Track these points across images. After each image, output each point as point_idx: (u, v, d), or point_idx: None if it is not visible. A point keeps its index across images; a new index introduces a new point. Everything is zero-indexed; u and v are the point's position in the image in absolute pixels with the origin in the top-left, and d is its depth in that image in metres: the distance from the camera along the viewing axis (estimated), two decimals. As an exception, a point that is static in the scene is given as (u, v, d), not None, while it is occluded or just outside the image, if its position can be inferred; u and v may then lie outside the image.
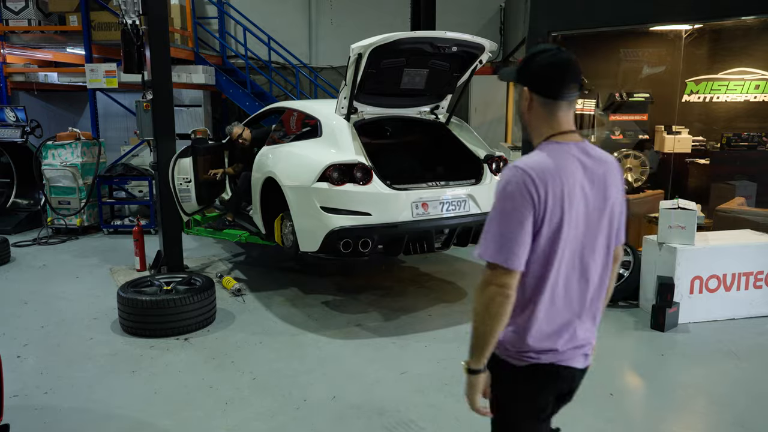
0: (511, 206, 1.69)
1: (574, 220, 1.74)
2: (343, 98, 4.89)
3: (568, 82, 1.75)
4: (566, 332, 1.81)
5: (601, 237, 1.82)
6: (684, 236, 4.81)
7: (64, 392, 3.71)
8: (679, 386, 3.89)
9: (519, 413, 1.90)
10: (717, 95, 7.49)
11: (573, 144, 1.79)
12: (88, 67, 8.05)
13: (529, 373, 1.81)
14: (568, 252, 1.76)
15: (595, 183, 1.78)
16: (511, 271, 1.68)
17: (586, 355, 1.89)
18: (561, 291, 1.79)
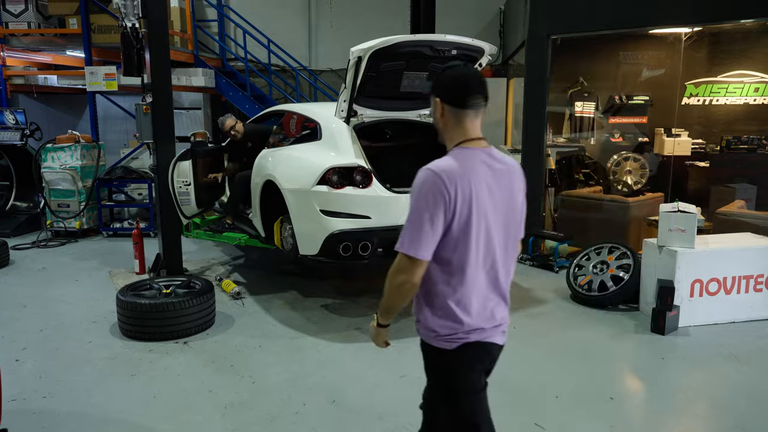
0: (424, 204, 1.93)
1: (482, 215, 1.99)
2: (342, 101, 4.89)
3: (473, 93, 2.01)
4: (487, 312, 2.07)
5: (507, 230, 2.11)
6: (684, 239, 4.80)
7: (63, 396, 3.69)
8: (680, 389, 3.88)
9: (459, 392, 2.12)
10: (716, 98, 7.50)
11: (480, 150, 2.03)
12: (88, 70, 8.05)
13: (461, 352, 2.05)
14: (479, 243, 2.01)
15: (501, 184, 2.05)
16: (419, 261, 1.95)
17: (503, 332, 2.16)
18: (478, 276, 2.04)
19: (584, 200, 7.08)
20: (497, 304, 2.11)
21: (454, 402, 2.12)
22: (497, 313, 2.11)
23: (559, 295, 5.61)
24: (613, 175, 7.01)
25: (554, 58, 6.65)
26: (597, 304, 5.27)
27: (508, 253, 2.13)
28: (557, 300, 5.51)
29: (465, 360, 2.07)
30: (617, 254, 5.43)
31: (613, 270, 5.33)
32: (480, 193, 1.97)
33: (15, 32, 8.42)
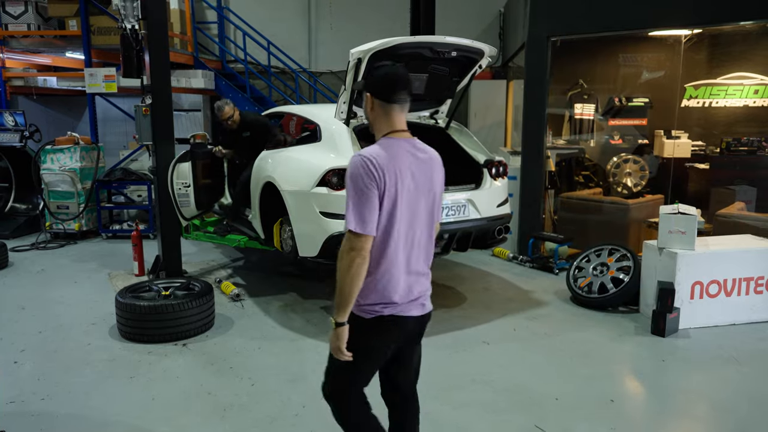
0: (361, 184, 2.12)
1: (406, 197, 2.21)
2: (342, 103, 4.88)
3: (399, 90, 2.24)
4: (402, 288, 2.26)
5: (427, 213, 2.32)
6: (684, 241, 4.80)
7: (61, 398, 3.68)
8: (680, 392, 3.87)
9: (365, 357, 2.30)
10: (716, 100, 7.51)
11: (404, 140, 2.27)
12: (88, 72, 8.05)
13: (375, 324, 2.25)
14: (403, 223, 2.23)
15: (423, 171, 2.29)
16: (366, 236, 2.13)
17: (423, 305, 2.37)
18: (398, 254, 2.24)
19: (584, 202, 7.08)
20: (416, 281, 2.32)
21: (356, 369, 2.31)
22: (415, 288, 2.31)
23: (559, 297, 5.60)
24: (613, 177, 7.02)
25: (554, 60, 6.65)
26: (597, 306, 5.26)
27: (428, 234, 2.36)
28: (557, 302, 5.50)
29: (374, 331, 2.27)
30: (617, 256, 5.42)
31: (614, 272, 5.33)
32: (404, 178, 2.20)
33: (14, 34, 8.43)
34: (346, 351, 2.21)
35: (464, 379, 3.93)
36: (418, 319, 2.36)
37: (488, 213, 5.00)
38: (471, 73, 5.21)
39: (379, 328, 2.26)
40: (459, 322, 4.96)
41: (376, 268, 2.21)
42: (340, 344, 2.21)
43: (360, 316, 2.25)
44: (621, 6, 6.03)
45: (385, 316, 2.25)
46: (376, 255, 2.20)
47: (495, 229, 5.08)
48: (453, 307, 5.35)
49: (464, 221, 4.85)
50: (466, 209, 4.88)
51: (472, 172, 5.18)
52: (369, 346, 2.29)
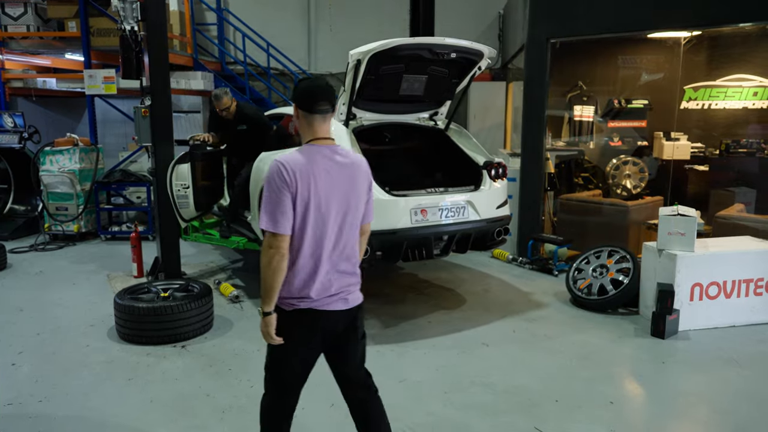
0: (275, 187, 2.32)
1: (321, 200, 2.38)
2: (342, 104, 4.87)
3: (320, 101, 2.42)
4: (319, 284, 2.42)
5: (348, 215, 2.47)
6: (684, 243, 4.79)
7: (59, 400, 3.67)
8: (680, 394, 3.86)
9: (288, 348, 2.48)
10: (715, 102, 7.50)
11: (325, 147, 2.45)
12: (87, 73, 8.05)
13: (294, 316, 2.44)
14: (319, 223, 2.39)
15: (342, 175, 2.45)
16: (281, 235, 2.33)
17: (345, 299, 2.51)
18: (314, 253, 2.41)
19: (583, 204, 7.07)
20: (337, 278, 2.47)
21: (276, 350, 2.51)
22: (335, 284, 2.47)
23: (559, 299, 5.59)
24: (613, 178, 7.01)
25: (553, 61, 6.65)
26: (597, 307, 5.25)
27: (350, 234, 2.50)
28: (557, 303, 5.49)
29: (293, 322, 2.45)
30: (617, 258, 5.42)
31: (613, 273, 5.32)
32: (319, 182, 2.37)
33: (14, 35, 8.42)
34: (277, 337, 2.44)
35: (464, 380, 3.92)
36: (343, 314, 2.52)
37: (488, 214, 5.00)
38: (470, 75, 5.21)
39: (298, 319, 2.45)
40: (458, 323, 4.95)
41: (292, 265, 2.40)
42: (269, 330, 2.43)
43: (282, 308, 2.45)
44: (620, 8, 6.03)
45: (302, 309, 2.43)
46: (292, 252, 2.38)
47: (494, 230, 5.07)
48: (452, 308, 5.34)
49: (463, 223, 4.84)
50: (466, 211, 4.87)
51: (472, 174, 5.17)
52: (291, 337, 2.47)
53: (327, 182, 2.39)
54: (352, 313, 2.56)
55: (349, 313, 2.54)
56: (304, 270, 2.41)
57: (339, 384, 2.73)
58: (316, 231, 2.40)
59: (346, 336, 2.58)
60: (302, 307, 2.43)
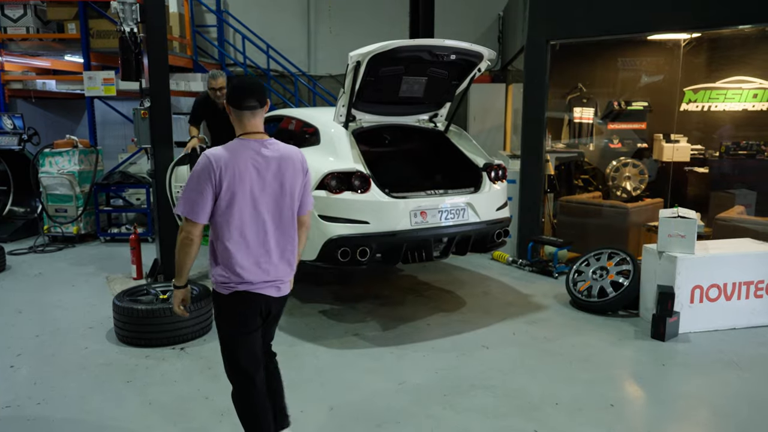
0: (197, 180, 2.55)
1: (248, 191, 2.58)
2: (341, 106, 4.87)
3: (247, 98, 2.62)
4: (255, 269, 2.64)
5: (278, 204, 2.67)
6: (684, 245, 4.78)
7: (57, 403, 3.65)
8: (681, 396, 3.85)
9: (231, 329, 2.73)
10: (715, 104, 7.50)
11: (254, 141, 2.64)
12: (86, 75, 8.04)
13: (232, 298, 2.65)
14: (246, 212, 2.59)
15: (270, 167, 2.63)
16: (194, 223, 2.56)
17: (278, 287, 2.73)
18: (246, 239, 2.61)
19: (583, 206, 7.07)
20: (272, 266, 2.68)
21: (229, 339, 2.75)
22: (271, 272, 2.68)
23: (559, 301, 5.58)
24: (612, 180, 7.01)
25: (553, 63, 6.64)
26: (597, 310, 5.24)
27: (282, 223, 2.69)
28: (557, 306, 5.48)
29: (233, 304, 2.67)
30: (617, 260, 5.41)
31: (613, 276, 5.31)
32: (245, 174, 2.57)
33: (13, 37, 8.41)
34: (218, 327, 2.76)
35: (464, 383, 3.91)
36: (274, 300, 2.75)
37: (487, 216, 4.99)
38: (470, 77, 5.20)
39: (236, 301, 2.66)
40: (458, 326, 4.94)
41: (226, 252, 2.61)
42: (176, 302, 2.76)
43: (220, 293, 2.68)
44: (620, 10, 6.03)
45: (240, 291, 2.65)
46: (223, 240, 2.61)
47: (494, 232, 5.06)
48: (452, 311, 5.33)
49: (463, 225, 4.83)
50: (465, 213, 4.86)
51: (471, 176, 5.17)
52: (232, 317, 2.70)
53: (253, 174, 2.60)
54: (281, 301, 2.80)
55: (279, 301, 2.78)
56: (237, 256, 2.60)
57: None
58: (244, 220, 2.60)
59: (268, 321, 2.84)
60: (240, 290, 2.65)
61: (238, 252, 2.60)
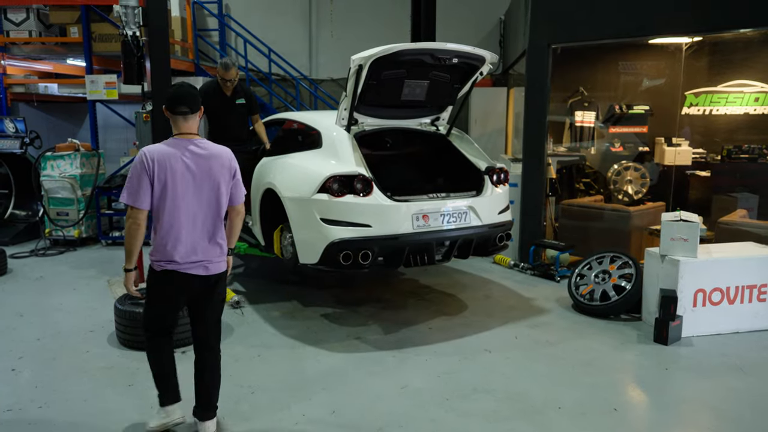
0: (135, 171, 2.99)
1: (178, 183, 3.02)
2: (343, 109, 4.87)
3: (179, 105, 3.09)
4: (183, 251, 3.05)
5: (208, 197, 3.11)
6: (687, 249, 4.77)
7: (59, 406, 3.64)
8: (684, 401, 3.83)
9: (158, 302, 3.20)
10: (717, 107, 7.50)
11: (185, 140, 3.12)
12: (88, 79, 8.06)
13: (162, 275, 3.09)
14: (177, 201, 3.02)
15: (199, 163, 3.08)
16: (139, 209, 2.99)
17: (206, 267, 3.13)
18: (176, 225, 3.04)
19: (585, 209, 7.06)
20: (201, 249, 3.10)
21: (148, 302, 3.24)
22: (198, 253, 3.10)
23: (561, 305, 5.57)
24: (614, 184, 7.00)
25: (554, 67, 6.65)
26: (599, 313, 5.23)
27: (210, 211, 3.13)
28: (559, 309, 5.47)
29: (161, 281, 3.11)
30: (619, 263, 5.40)
31: (615, 279, 5.30)
32: (176, 168, 3.01)
33: (16, 41, 8.43)
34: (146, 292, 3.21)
35: (466, 387, 3.89)
36: (202, 279, 3.13)
37: (489, 220, 4.98)
38: (472, 80, 5.20)
39: (165, 278, 3.09)
40: (460, 330, 4.93)
41: (160, 234, 3.04)
42: (129, 285, 3.14)
43: (154, 269, 3.11)
44: (622, 13, 6.03)
45: (168, 270, 3.06)
46: (157, 225, 3.05)
47: (496, 236, 5.06)
48: (454, 315, 5.32)
49: (465, 228, 4.83)
50: (468, 216, 4.86)
51: (474, 179, 5.16)
52: (159, 291, 3.15)
53: (183, 168, 3.03)
54: (211, 280, 3.17)
55: (207, 280, 3.16)
56: (168, 238, 3.03)
57: (195, 343, 3.31)
58: (174, 207, 3.03)
59: (204, 299, 3.20)
60: (168, 269, 3.06)
61: (168, 235, 3.03)
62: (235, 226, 3.33)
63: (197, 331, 3.27)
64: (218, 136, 5.90)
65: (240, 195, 3.28)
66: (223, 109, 5.93)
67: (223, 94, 5.85)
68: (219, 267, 3.19)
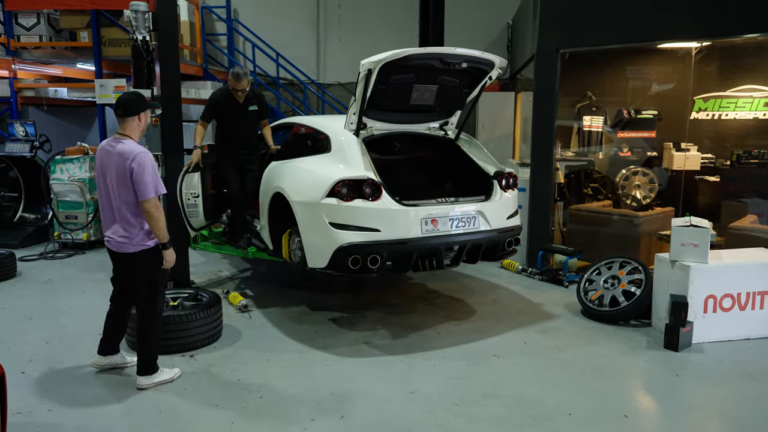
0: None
1: (99, 174, 3.80)
2: (352, 113, 4.88)
3: (115, 110, 3.79)
4: (104, 228, 3.89)
5: (114, 187, 3.74)
6: (697, 254, 4.74)
7: (68, 410, 3.65)
8: (695, 408, 3.80)
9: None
10: (726, 112, 7.46)
11: (112, 139, 3.79)
12: (98, 83, 8.09)
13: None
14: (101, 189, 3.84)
15: (108, 158, 3.75)
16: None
17: (110, 241, 3.86)
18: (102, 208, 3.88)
19: (594, 214, 7.03)
20: (108, 227, 3.86)
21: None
22: (107, 231, 3.86)
23: (570, 310, 5.54)
24: (622, 189, 6.97)
25: (563, 72, 6.63)
26: (608, 319, 5.20)
27: (117, 200, 3.75)
28: (568, 315, 5.44)
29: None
30: (628, 269, 5.36)
31: (625, 285, 5.27)
32: (97, 161, 3.80)
33: (26, 45, 8.51)
34: None
35: (475, 393, 3.87)
36: (112, 252, 3.90)
37: (498, 225, 4.97)
38: (481, 85, 5.20)
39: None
40: (469, 335, 4.91)
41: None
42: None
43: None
44: (631, 18, 6.02)
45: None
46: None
47: (505, 241, 5.04)
48: (462, 320, 5.30)
49: (474, 233, 4.81)
50: (476, 221, 4.84)
51: (482, 184, 5.15)
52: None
53: (105, 164, 3.75)
54: (118, 257, 3.87)
55: (115, 255, 3.88)
56: (104, 220, 3.85)
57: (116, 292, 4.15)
58: (101, 194, 3.83)
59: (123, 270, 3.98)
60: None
61: (104, 218, 3.85)
62: (148, 220, 3.73)
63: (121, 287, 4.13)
64: (227, 143, 5.89)
65: (141, 192, 3.65)
66: (234, 116, 5.78)
67: (235, 101, 5.69)
68: (120, 246, 3.80)
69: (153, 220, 3.70)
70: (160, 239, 3.77)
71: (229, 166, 5.86)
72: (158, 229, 3.74)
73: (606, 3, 6.21)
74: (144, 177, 3.63)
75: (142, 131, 3.89)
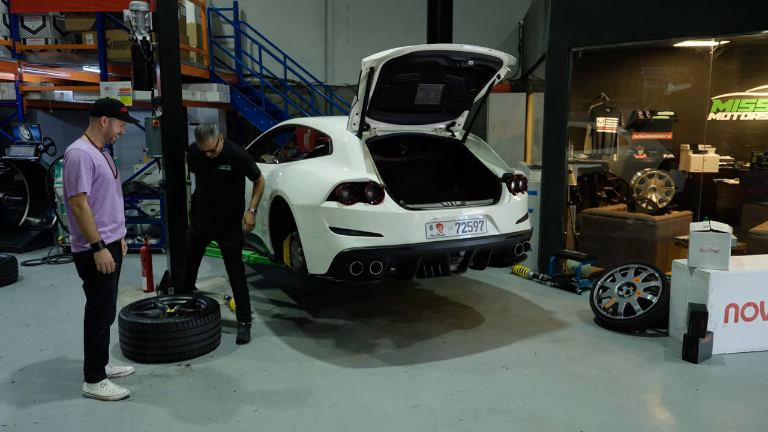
0: None
1: None
2: (354, 114, 4.71)
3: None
4: None
5: None
6: (717, 260, 4.51)
7: (56, 422, 3.50)
8: (715, 424, 3.56)
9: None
10: (745, 113, 7.21)
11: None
12: (103, 86, 8.00)
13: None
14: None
15: None
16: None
17: None
18: None
19: (608, 218, 6.80)
20: None
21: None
22: None
23: (583, 319, 5.32)
24: (637, 192, 6.73)
25: (575, 71, 6.42)
26: (623, 328, 4.97)
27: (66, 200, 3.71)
28: (580, 323, 5.22)
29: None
30: (644, 275, 5.14)
31: (641, 292, 5.04)
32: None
33: (32, 48, 8.44)
34: None
35: (482, 407, 3.67)
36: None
37: (507, 229, 4.76)
38: (489, 84, 5.01)
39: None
40: (476, 344, 4.71)
41: None
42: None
43: None
44: (646, 15, 5.79)
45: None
46: None
47: (514, 246, 4.84)
48: (470, 328, 5.09)
49: (482, 238, 4.61)
50: (484, 225, 4.64)
51: (490, 187, 4.95)
52: None
53: None
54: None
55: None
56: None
57: None
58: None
59: None
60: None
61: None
62: (74, 219, 3.63)
63: None
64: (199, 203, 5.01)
65: (66, 189, 3.60)
66: (203, 174, 4.94)
67: (205, 157, 4.80)
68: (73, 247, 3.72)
69: (76, 218, 3.60)
70: (89, 240, 3.60)
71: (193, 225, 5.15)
72: (83, 230, 3.59)
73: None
74: (69, 175, 3.57)
75: (103, 136, 3.84)
